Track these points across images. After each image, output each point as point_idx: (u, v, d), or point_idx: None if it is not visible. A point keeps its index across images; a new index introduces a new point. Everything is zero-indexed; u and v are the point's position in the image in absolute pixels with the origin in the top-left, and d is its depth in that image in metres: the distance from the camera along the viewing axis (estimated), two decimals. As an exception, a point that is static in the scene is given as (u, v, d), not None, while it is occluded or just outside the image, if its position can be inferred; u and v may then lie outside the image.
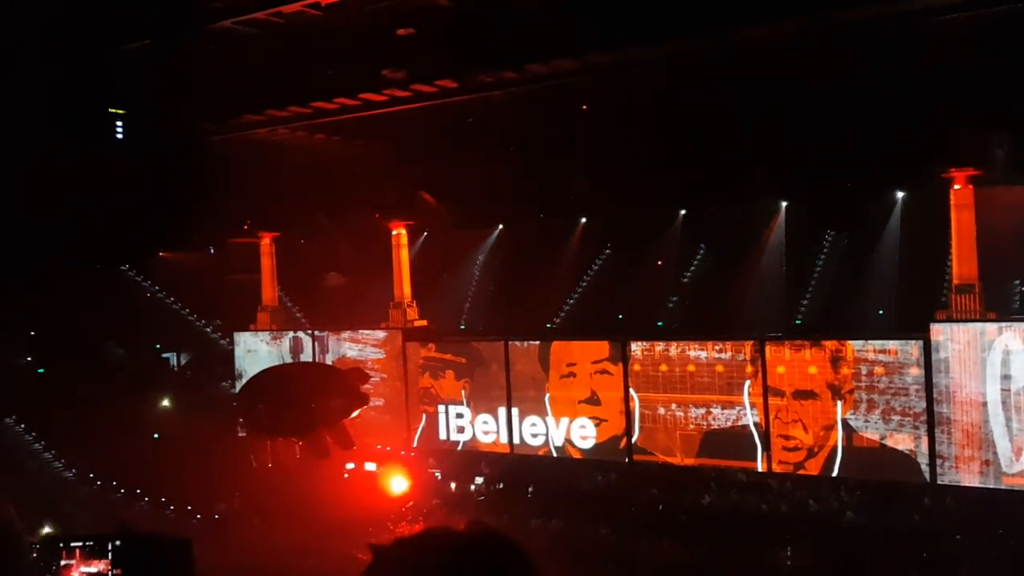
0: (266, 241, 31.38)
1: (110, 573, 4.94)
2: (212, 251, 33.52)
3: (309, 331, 30.87)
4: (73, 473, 28.80)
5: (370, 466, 27.60)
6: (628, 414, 24.47)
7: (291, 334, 30.93)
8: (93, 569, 5.01)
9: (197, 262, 33.05)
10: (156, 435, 30.42)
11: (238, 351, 31.61)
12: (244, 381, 22.30)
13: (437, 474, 26.25)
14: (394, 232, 29.08)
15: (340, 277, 32.73)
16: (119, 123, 29.79)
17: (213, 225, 31.07)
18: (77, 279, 29.78)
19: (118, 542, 5.03)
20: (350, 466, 28.28)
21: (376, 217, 29.52)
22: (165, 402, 30.47)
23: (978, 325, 20.33)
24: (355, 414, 22.07)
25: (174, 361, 33.77)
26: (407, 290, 29.21)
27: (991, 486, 20.28)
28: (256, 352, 31.20)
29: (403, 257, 29.16)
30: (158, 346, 33.37)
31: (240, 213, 30.58)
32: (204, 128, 27.52)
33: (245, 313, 31.62)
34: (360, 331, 29.25)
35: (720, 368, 23.24)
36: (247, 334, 31.45)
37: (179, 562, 4.86)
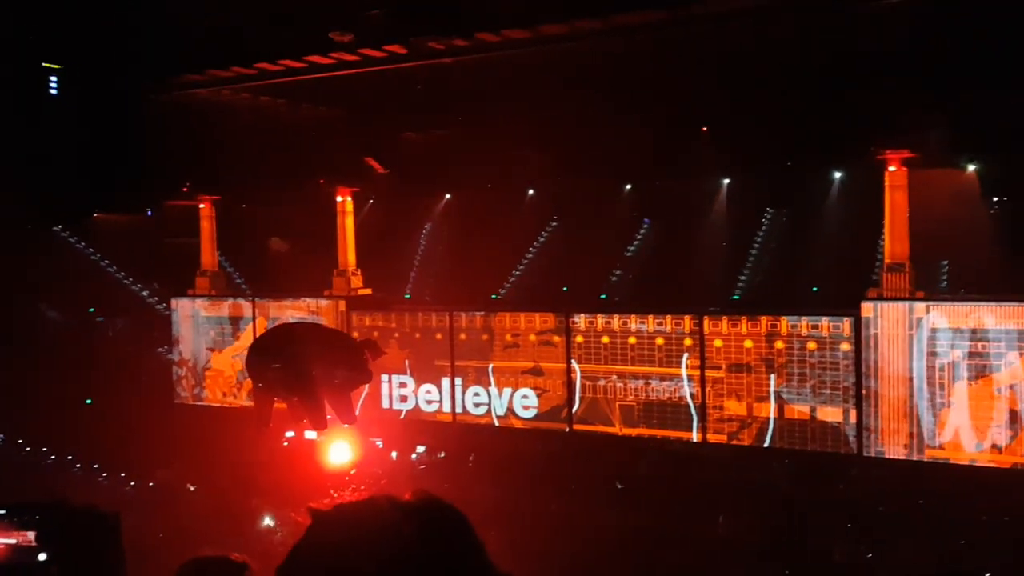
0: (206, 204, 31.69)
1: (32, 546, 4.75)
2: (149, 213, 33.59)
3: (250, 297, 31.40)
4: (1, 439, 29.06)
5: (310, 434, 28.23)
6: (570, 385, 25.58)
7: (230, 300, 31.40)
8: (12, 540, 4.82)
9: (134, 224, 33.12)
10: (88, 400, 30.74)
11: (175, 316, 31.93)
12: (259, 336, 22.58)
13: (378, 443, 27.07)
14: (339, 199, 29.56)
15: (283, 243, 33.09)
16: (53, 79, 29.70)
17: (151, 187, 31.19)
18: (7, 240, 29.78)
19: (41, 513, 4.83)
20: (289, 434, 28.93)
21: (321, 183, 29.96)
22: (99, 367, 30.72)
23: (907, 303, 21.74)
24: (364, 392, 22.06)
25: (108, 325, 33.90)
26: (352, 258, 29.76)
27: (914, 458, 21.82)
28: (195, 317, 31.57)
29: (348, 224, 29.66)
30: (92, 309, 33.48)
31: (179, 175, 30.77)
32: (143, 86, 27.63)
33: (183, 278, 31.94)
34: (303, 298, 29.83)
35: (660, 341, 24.43)
36: (185, 299, 31.85)
37: (106, 535, 4.76)
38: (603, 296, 28.03)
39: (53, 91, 31.08)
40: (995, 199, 24.18)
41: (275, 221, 31.80)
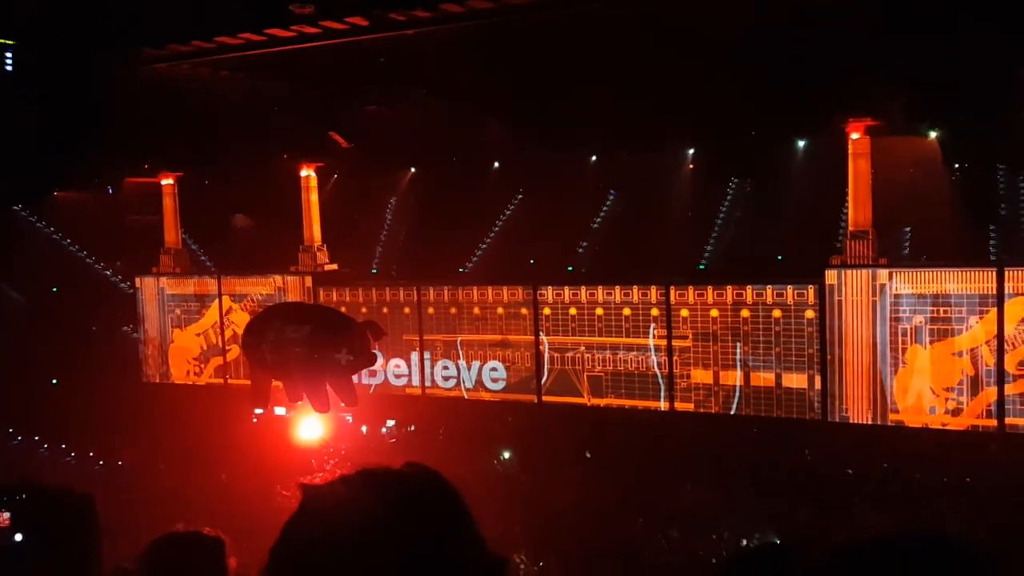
0: (168, 181, 31.37)
1: (6, 527, 4.74)
2: (111, 191, 33.19)
3: (214, 274, 31.19)
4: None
5: (280, 410, 28.24)
6: (538, 357, 25.75)
7: (195, 277, 31.20)
8: None
9: (95, 202, 32.72)
10: (55, 381, 30.49)
11: (140, 295, 31.69)
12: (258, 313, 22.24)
13: (348, 418, 27.12)
14: (303, 174, 29.37)
15: (247, 220, 32.87)
16: (8, 55, 29.13)
17: (111, 164, 30.85)
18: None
19: (14, 495, 4.83)
20: (258, 411, 28.91)
21: (284, 158, 29.72)
22: (64, 347, 30.44)
23: (870, 270, 22.09)
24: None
25: (71, 303, 33.56)
26: (317, 233, 29.64)
27: (878, 423, 22.27)
28: (159, 296, 31.36)
29: (313, 200, 29.51)
30: (56, 289, 33.12)
31: (141, 152, 30.40)
32: (102, 61, 27.19)
33: (147, 256, 31.67)
34: (269, 275, 29.70)
35: (627, 312, 24.65)
36: (149, 277, 31.59)
37: (81, 515, 4.79)
38: (570, 268, 28.17)
39: (8, 67, 30.49)
40: (956, 166, 24.50)
41: (239, 198, 31.54)
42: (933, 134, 24.05)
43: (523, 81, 25.29)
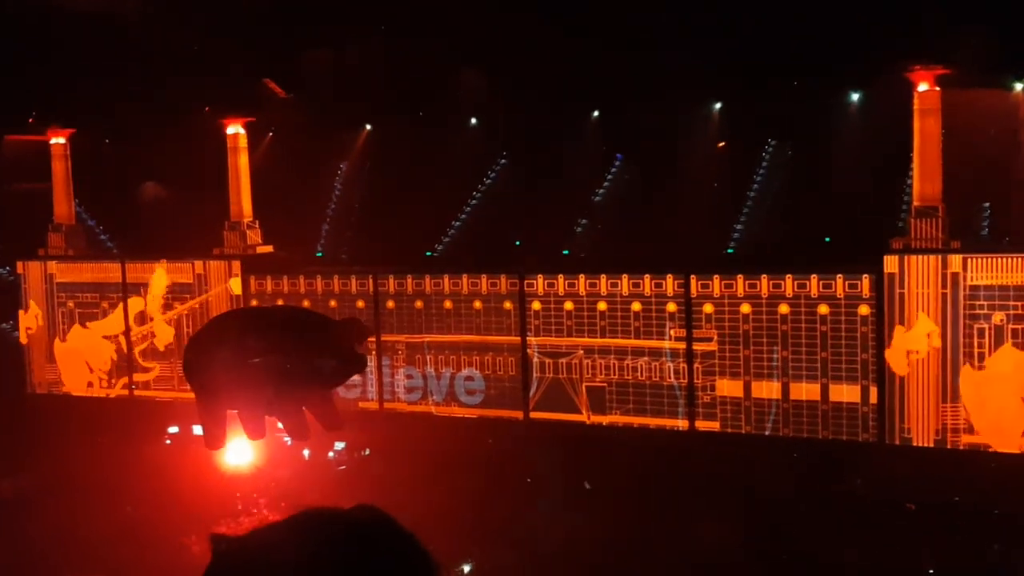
0: (59, 140, 30.92)
1: None
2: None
3: (117, 257, 30.77)
4: None
5: (199, 430, 27.85)
6: (525, 362, 25.52)
7: (92, 261, 30.85)
8: None
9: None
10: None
11: (23, 283, 31.28)
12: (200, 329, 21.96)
13: (287, 439, 26.78)
14: (230, 131, 29.02)
15: (159, 189, 32.50)
16: None
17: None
18: None
19: None
20: (173, 430, 28.64)
21: (206, 111, 29.39)
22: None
23: (940, 255, 21.96)
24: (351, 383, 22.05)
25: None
26: (247, 207, 29.34)
27: (948, 446, 22.18)
28: (48, 284, 31.01)
29: (242, 164, 29.20)
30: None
31: (23, 102, 30.07)
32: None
33: (31, 233, 31.27)
34: (186, 259, 29.33)
35: (636, 307, 24.45)
36: (35, 261, 31.11)
37: None
38: (566, 252, 27.99)
39: None
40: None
41: (148, 161, 31.13)
42: (1019, 86, 23.97)
43: (508, 16, 25.04)
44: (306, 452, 27.36)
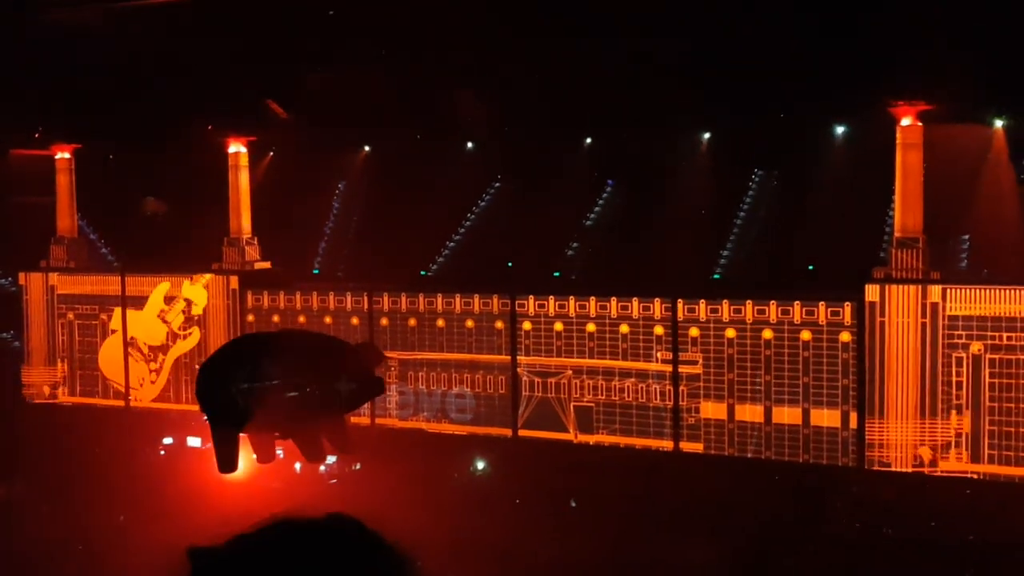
0: (64, 155, 31.24)
1: None
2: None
3: (118, 270, 31.01)
4: None
5: (193, 441, 28.11)
6: (515, 381, 25.81)
7: (94, 274, 31.04)
8: None
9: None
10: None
11: (24, 295, 31.47)
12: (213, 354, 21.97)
13: (279, 452, 27.03)
14: (231, 150, 29.30)
15: (160, 204, 32.69)
16: None
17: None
18: None
19: None
20: (167, 441, 28.81)
21: (209, 130, 29.60)
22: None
23: (920, 285, 22.29)
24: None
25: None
26: (247, 223, 29.57)
27: (926, 471, 22.46)
28: (49, 296, 31.12)
29: (242, 182, 29.45)
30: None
31: (30, 118, 30.30)
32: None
33: (35, 245, 31.49)
34: (185, 274, 29.59)
35: (624, 329, 24.75)
36: (37, 273, 31.36)
37: None
38: (556, 274, 28.11)
39: None
40: (1026, 162, 24.73)
41: (150, 177, 31.32)
42: (999, 123, 24.24)
43: (505, 42, 25.22)
44: (297, 465, 27.52)
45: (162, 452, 28.64)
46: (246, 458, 21.33)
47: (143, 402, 30.39)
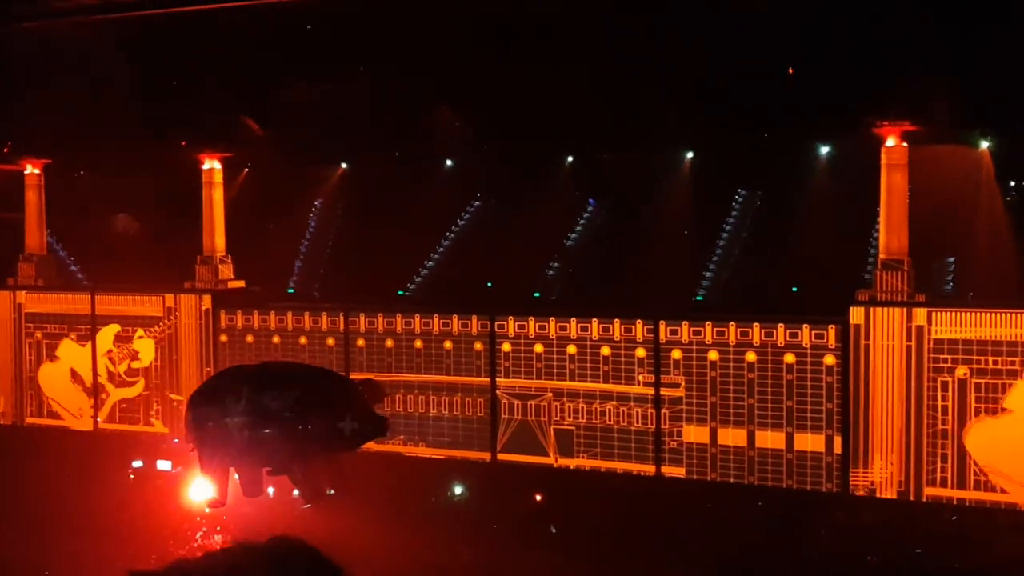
0: (33, 170, 30.84)
1: None
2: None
3: (87, 289, 30.56)
4: None
5: (163, 465, 27.69)
6: (494, 403, 25.51)
7: (62, 292, 30.63)
8: None
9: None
10: None
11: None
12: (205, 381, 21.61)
13: (270, 489, 26.63)
14: (205, 166, 29.01)
15: (131, 221, 32.41)
16: None
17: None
18: None
19: None
20: (137, 464, 28.35)
21: (182, 145, 29.35)
22: None
23: (905, 308, 22.15)
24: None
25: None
26: (220, 241, 29.25)
27: (911, 498, 22.26)
28: (16, 314, 30.80)
29: (216, 199, 29.16)
30: None
31: (-2, 131, 29.87)
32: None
33: (2, 263, 31.06)
34: (157, 293, 29.16)
35: (605, 351, 24.51)
36: (4, 291, 30.89)
37: None
38: (537, 294, 28.05)
39: None
40: (1012, 183, 24.75)
41: (122, 193, 31.10)
42: (984, 144, 24.27)
43: (486, 58, 25.21)
44: (271, 490, 27.13)
45: (131, 476, 28.13)
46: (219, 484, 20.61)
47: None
